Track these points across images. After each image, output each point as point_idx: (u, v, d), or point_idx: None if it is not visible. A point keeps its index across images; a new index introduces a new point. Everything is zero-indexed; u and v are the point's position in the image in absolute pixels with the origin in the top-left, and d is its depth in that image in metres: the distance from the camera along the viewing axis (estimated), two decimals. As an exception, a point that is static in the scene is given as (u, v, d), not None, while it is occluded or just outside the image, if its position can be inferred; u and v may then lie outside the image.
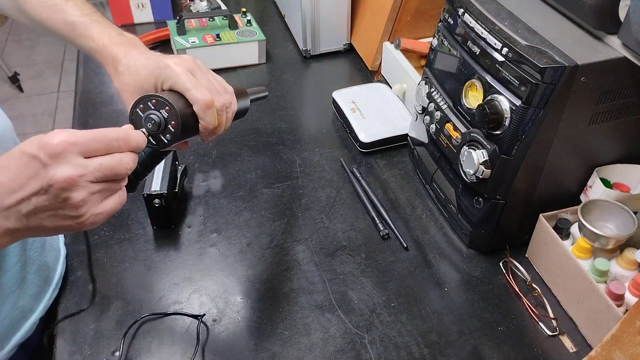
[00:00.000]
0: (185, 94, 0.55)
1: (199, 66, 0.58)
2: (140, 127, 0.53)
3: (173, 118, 0.53)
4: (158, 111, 0.53)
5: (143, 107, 0.53)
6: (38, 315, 0.74)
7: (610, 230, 0.74)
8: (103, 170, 0.46)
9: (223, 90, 0.59)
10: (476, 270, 0.81)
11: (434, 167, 0.88)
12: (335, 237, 0.85)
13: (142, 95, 0.53)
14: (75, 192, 0.45)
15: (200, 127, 0.57)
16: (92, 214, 0.47)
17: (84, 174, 0.45)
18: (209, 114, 0.56)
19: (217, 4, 1.31)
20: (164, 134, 0.54)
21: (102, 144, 0.46)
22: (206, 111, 0.55)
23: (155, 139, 0.54)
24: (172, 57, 0.58)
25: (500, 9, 0.72)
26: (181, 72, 0.55)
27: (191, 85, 0.55)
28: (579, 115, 0.68)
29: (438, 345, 0.71)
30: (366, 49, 1.22)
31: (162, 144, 0.54)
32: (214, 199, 0.91)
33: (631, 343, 0.60)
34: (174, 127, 0.53)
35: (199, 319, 0.72)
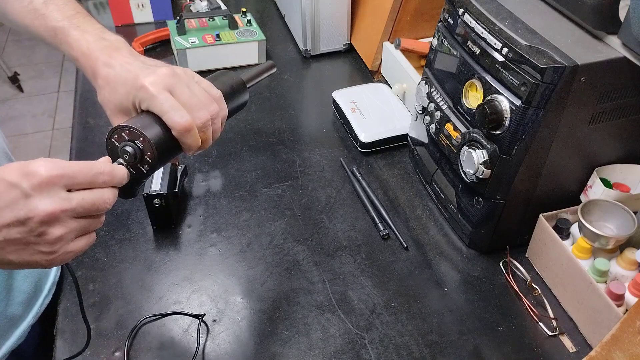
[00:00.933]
0: (162, 117, 0.51)
1: (179, 79, 0.53)
2: (117, 157, 0.51)
3: (149, 149, 0.50)
4: (133, 142, 0.50)
5: (118, 137, 0.51)
6: (29, 322, 0.73)
7: (610, 230, 0.74)
8: (85, 206, 0.44)
9: (208, 101, 0.54)
10: (476, 270, 0.81)
11: (434, 167, 0.88)
12: (335, 237, 0.85)
13: (116, 126, 0.51)
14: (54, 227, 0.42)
15: (183, 148, 0.54)
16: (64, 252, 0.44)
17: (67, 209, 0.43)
18: (189, 137, 0.52)
19: (217, 4, 1.31)
20: (142, 164, 0.51)
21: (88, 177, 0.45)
22: (185, 135, 0.52)
23: (134, 169, 0.51)
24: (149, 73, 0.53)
25: (500, 9, 0.72)
26: (157, 93, 0.51)
27: (168, 106, 0.51)
28: (579, 115, 0.68)
29: (438, 345, 0.71)
30: (366, 49, 1.22)
31: (141, 173, 0.52)
32: (214, 199, 0.91)
33: (631, 343, 0.60)
34: (151, 157, 0.51)
35: (200, 318, 0.72)
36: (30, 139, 2.62)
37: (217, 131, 0.57)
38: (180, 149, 0.54)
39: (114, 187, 0.48)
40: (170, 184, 0.82)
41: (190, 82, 0.54)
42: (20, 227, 0.42)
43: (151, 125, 0.51)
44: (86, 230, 0.46)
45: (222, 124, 0.58)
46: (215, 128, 0.56)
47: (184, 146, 0.53)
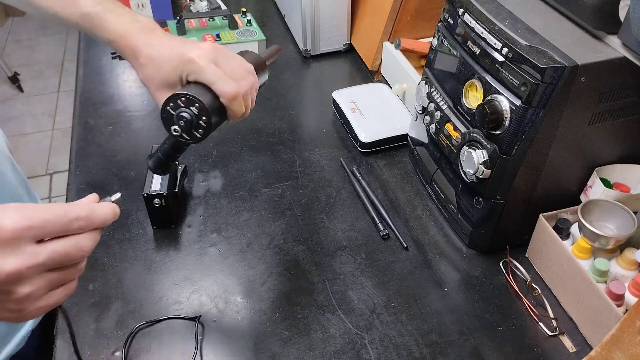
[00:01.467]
0: (211, 87, 0.56)
1: (221, 52, 0.58)
2: (172, 124, 0.55)
3: (204, 114, 0.55)
4: (188, 108, 0.54)
5: (173, 105, 0.55)
6: (29, 327, 0.72)
7: (610, 230, 0.74)
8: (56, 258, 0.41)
9: (246, 73, 0.60)
10: (476, 270, 0.81)
11: (434, 167, 0.88)
12: (335, 237, 0.85)
13: (172, 94, 0.55)
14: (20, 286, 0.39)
15: (228, 116, 0.59)
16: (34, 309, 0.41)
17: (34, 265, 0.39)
18: (236, 104, 0.57)
19: (217, 4, 1.31)
20: (197, 129, 0.56)
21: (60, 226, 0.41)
22: (233, 102, 0.57)
23: (188, 134, 0.56)
24: (194, 48, 0.57)
25: (500, 9, 0.72)
26: (205, 66, 0.56)
27: (216, 77, 0.55)
28: (579, 115, 0.68)
29: (438, 345, 0.71)
30: (366, 49, 1.22)
31: (195, 139, 0.56)
32: (214, 199, 0.91)
33: (631, 343, 0.60)
34: (206, 122, 0.55)
35: (196, 320, 0.72)
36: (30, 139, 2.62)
37: (254, 100, 0.62)
38: (226, 116, 0.59)
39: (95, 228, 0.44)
40: (170, 184, 0.82)
41: (229, 57, 0.59)
42: None
43: (204, 92, 0.56)
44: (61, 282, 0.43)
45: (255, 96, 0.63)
46: (252, 98, 0.61)
47: (230, 113, 0.58)
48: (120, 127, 1.05)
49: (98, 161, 0.97)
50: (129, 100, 1.12)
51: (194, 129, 0.56)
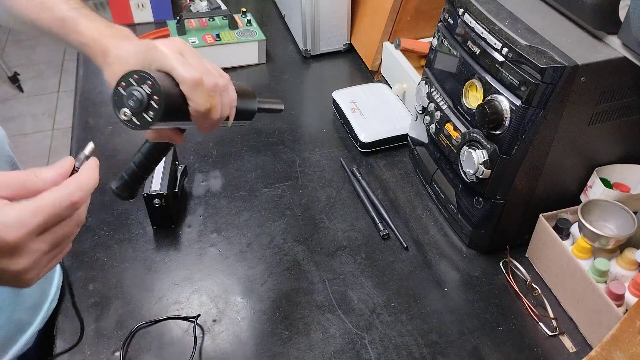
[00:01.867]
0: (171, 73, 0.51)
1: (190, 48, 0.55)
2: (123, 106, 0.50)
3: (156, 93, 0.49)
4: (140, 87, 0.49)
5: (125, 84, 0.50)
6: (36, 328, 0.73)
7: (610, 230, 0.74)
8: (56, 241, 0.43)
9: (217, 73, 0.56)
10: (476, 270, 0.81)
11: (434, 167, 0.88)
12: (335, 237, 0.85)
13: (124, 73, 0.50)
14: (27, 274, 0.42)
15: (190, 110, 0.53)
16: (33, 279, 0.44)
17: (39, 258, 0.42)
18: (198, 94, 0.52)
19: (217, 4, 1.31)
20: (147, 111, 0.50)
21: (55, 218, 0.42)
22: (194, 89, 0.51)
23: (138, 119, 0.50)
24: (161, 39, 0.55)
25: (500, 9, 0.72)
26: (168, 52, 0.52)
27: (177, 63, 0.51)
28: (579, 115, 0.68)
29: (438, 345, 0.71)
30: (366, 49, 1.22)
31: (145, 122, 0.50)
32: (214, 199, 0.91)
33: (631, 343, 0.60)
34: (157, 102, 0.49)
35: (194, 321, 0.72)
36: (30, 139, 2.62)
37: (225, 108, 0.57)
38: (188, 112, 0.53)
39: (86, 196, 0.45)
40: (170, 184, 0.82)
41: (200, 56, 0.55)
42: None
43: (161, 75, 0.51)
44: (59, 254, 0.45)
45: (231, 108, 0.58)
46: (224, 103, 0.56)
47: (193, 105, 0.52)
48: (120, 127, 1.05)
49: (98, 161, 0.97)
50: (129, 100, 1.12)
51: (145, 110, 0.49)
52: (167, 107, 0.50)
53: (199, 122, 0.54)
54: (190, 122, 0.55)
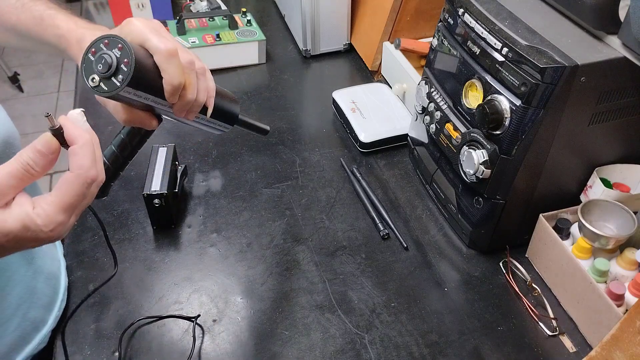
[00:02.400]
0: (145, 45, 0.50)
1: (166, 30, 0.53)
2: (92, 72, 0.48)
3: (126, 56, 0.47)
4: (110, 50, 0.48)
5: (95, 50, 0.48)
6: (50, 326, 0.73)
7: (610, 230, 0.74)
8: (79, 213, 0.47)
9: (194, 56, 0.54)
10: (476, 270, 0.81)
11: (434, 167, 0.88)
12: (335, 237, 0.85)
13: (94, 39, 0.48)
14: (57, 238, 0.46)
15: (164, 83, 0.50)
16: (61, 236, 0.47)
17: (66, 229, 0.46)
18: (172, 64, 0.50)
19: (217, 4, 1.31)
20: (116, 75, 0.47)
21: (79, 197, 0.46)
22: (168, 60, 0.49)
23: (107, 84, 0.48)
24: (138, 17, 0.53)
25: (500, 9, 0.72)
26: (141, 26, 0.51)
27: (151, 35, 0.50)
28: (579, 115, 0.68)
29: (438, 345, 0.71)
30: (366, 49, 1.22)
31: (114, 87, 0.48)
32: (214, 199, 0.91)
33: (631, 343, 0.60)
34: (127, 65, 0.47)
35: (194, 320, 0.72)
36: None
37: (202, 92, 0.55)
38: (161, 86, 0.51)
39: None
40: (170, 184, 0.82)
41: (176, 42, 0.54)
42: None
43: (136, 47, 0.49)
44: None
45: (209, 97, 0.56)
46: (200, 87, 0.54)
47: (166, 77, 0.50)
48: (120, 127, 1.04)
49: (98, 161, 0.97)
50: (129, 100, 1.12)
51: (114, 74, 0.47)
52: (138, 71, 0.48)
53: (173, 100, 0.52)
54: (165, 102, 0.52)
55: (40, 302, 0.71)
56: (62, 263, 0.79)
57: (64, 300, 0.76)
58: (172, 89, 0.51)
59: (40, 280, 0.71)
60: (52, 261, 0.75)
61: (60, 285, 0.76)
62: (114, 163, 0.56)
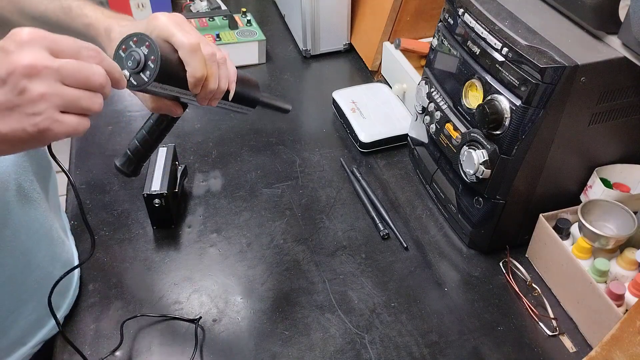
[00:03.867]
0: (170, 40, 0.53)
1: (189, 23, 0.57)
2: (122, 68, 0.52)
3: (153, 53, 0.51)
4: (139, 48, 0.52)
5: (125, 47, 0.52)
6: (63, 312, 0.73)
7: (610, 230, 0.74)
8: (72, 70, 0.43)
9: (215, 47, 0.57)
10: (476, 270, 0.81)
11: (434, 167, 0.88)
12: (335, 237, 0.85)
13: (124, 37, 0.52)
14: (35, 82, 0.42)
15: (187, 76, 0.54)
16: (49, 117, 0.43)
17: (49, 65, 0.42)
18: (195, 59, 0.53)
19: (217, 4, 1.31)
20: (144, 71, 0.52)
21: (72, 48, 0.44)
22: (191, 54, 0.53)
23: (136, 79, 0.52)
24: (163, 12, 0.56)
25: (500, 9, 0.72)
26: (167, 21, 0.54)
27: (176, 30, 0.53)
28: (579, 115, 0.68)
29: (438, 345, 0.71)
30: (366, 49, 1.22)
31: (142, 82, 0.52)
32: (214, 199, 0.91)
33: (631, 343, 0.60)
34: (154, 62, 0.51)
35: (196, 322, 0.72)
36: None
37: (224, 80, 0.58)
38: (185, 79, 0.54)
39: (106, 71, 0.47)
40: (170, 184, 0.82)
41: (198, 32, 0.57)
42: (3, 87, 0.41)
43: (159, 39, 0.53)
44: (76, 103, 0.45)
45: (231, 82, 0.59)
46: (221, 75, 0.57)
47: (190, 70, 0.54)
48: (120, 127, 1.05)
49: (98, 161, 0.97)
50: (129, 100, 1.12)
51: (142, 70, 0.52)
52: (164, 67, 0.51)
53: (196, 90, 0.55)
54: (189, 92, 0.56)
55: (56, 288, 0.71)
56: (74, 253, 0.79)
57: (77, 289, 0.76)
58: (195, 80, 0.54)
59: (57, 267, 0.71)
60: (67, 250, 0.76)
61: (74, 274, 0.76)
62: (144, 145, 0.61)
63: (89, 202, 0.89)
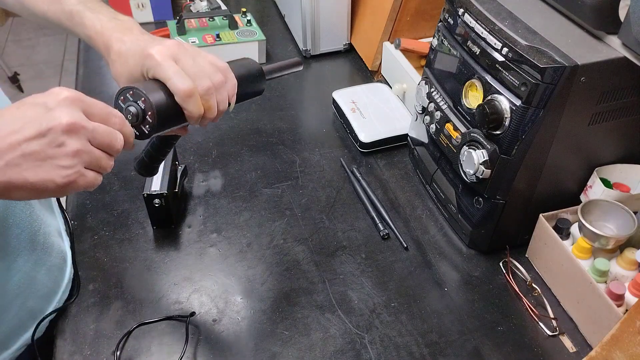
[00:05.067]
0: (165, 83, 0.54)
1: (185, 50, 0.57)
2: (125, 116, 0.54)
3: (149, 109, 0.53)
4: (136, 102, 0.53)
5: (123, 98, 0.54)
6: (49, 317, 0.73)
7: (610, 230, 0.74)
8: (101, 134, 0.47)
9: (212, 71, 0.57)
10: (476, 270, 0.81)
11: (434, 167, 0.88)
12: (335, 237, 0.85)
13: (122, 87, 0.54)
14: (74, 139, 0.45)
15: (186, 116, 0.56)
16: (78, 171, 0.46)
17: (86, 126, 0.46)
18: (191, 103, 0.55)
19: (217, 4, 1.31)
20: (144, 124, 0.54)
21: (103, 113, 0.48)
22: (187, 100, 0.54)
23: (137, 130, 0.54)
24: (157, 44, 0.57)
25: (500, 9, 0.72)
26: (161, 61, 0.55)
27: (171, 73, 0.54)
28: (579, 115, 0.68)
29: (438, 345, 0.71)
30: (366, 49, 1.22)
31: (144, 134, 0.54)
32: (214, 199, 0.91)
33: (631, 343, 0.60)
34: (151, 117, 0.53)
35: (187, 319, 0.71)
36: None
37: (223, 102, 0.59)
38: (184, 116, 0.56)
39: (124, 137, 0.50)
40: (170, 184, 0.82)
41: (195, 54, 0.58)
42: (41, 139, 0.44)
43: (154, 88, 0.54)
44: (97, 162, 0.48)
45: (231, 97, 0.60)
46: (220, 99, 0.58)
47: (187, 113, 0.56)
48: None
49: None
50: (129, 100, 1.12)
51: (142, 124, 0.54)
52: (161, 119, 0.54)
53: (196, 123, 0.58)
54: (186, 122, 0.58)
55: (39, 293, 0.72)
56: (68, 255, 0.79)
57: (67, 292, 0.76)
58: (194, 119, 0.57)
59: (42, 272, 0.71)
60: (57, 253, 0.76)
61: (63, 278, 0.76)
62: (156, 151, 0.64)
63: (89, 202, 0.89)
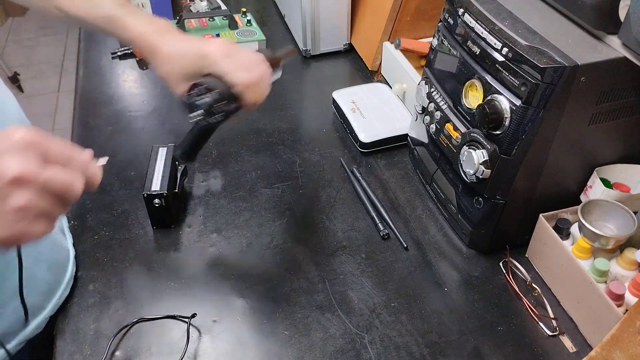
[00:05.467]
0: (224, 78, 0.63)
1: (232, 47, 0.65)
2: (194, 110, 0.63)
3: (220, 100, 0.63)
4: (205, 95, 0.63)
5: (194, 93, 0.63)
6: (47, 313, 0.73)
7: (610, 230, 0.74)
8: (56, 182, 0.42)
9: (256, 63, 0.66)
10: (476, 270, 0.81)
11: (434, 167, 0.88)
12: (335, 237, 0.85)
13: (193, 83, 0.64)
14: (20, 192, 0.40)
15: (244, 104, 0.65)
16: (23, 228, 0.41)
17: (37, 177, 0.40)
18: (250, 91, 0.64)
19: (217, 4, 1.31)
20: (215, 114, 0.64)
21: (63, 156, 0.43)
22: (247, 89, 0.64)
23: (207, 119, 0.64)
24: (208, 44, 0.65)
25: (500, 9, 0.72)
26: (219, 59, 0.63)
27: (229, 68, 0.63)
28: (579, 115, 0.68)
29: (438, 345, 0.71)
30: (366, 49, 1.22)
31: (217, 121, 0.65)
32: (214, 199, 0.91)
33: (631, 343, 0.60)
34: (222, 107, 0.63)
35: (189, 320, 0.72)
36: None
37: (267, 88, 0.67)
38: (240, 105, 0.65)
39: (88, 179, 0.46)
40: (170, 184, 0.82)
41: (239, 50, 0.66)
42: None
43: (219, 82, 0.64)
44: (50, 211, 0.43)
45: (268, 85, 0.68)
46: (265, 86, 0.67)
47: (245, 100, 0.65)
48: (120, 128, 1.05)
49: (98, 161, 0.97)
50: (129, 100, 1.12)
51: (213, 114, 0.64)
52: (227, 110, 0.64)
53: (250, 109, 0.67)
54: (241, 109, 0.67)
55: (39, 289, 0.72)
56: (70, 253, 0.79)
57: (68, 289, 0.76)
58: (250, 107, 0.66)
59: (42, 268, 0.71)
60: (59, 250, 0.76)
61: (65, 275, 0.76)
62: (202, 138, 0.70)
63: (89, 202, 0.89)
